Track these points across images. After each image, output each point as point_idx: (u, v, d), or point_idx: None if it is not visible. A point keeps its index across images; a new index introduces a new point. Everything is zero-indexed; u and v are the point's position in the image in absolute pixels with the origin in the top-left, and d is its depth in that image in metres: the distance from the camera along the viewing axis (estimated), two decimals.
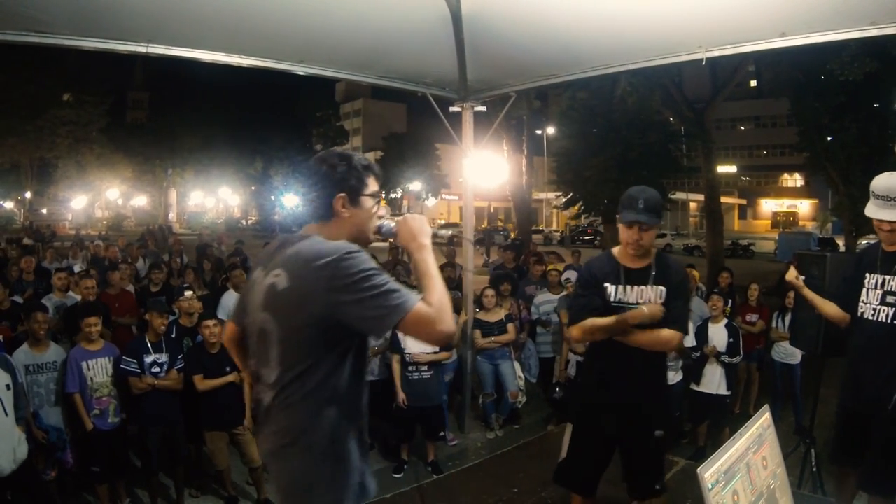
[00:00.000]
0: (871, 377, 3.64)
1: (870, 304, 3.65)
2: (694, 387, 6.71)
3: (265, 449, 2.20)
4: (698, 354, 6.67)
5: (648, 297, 3.38)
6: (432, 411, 6.38)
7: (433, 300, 2.02)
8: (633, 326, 3.28)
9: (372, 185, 2.27)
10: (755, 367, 8.14)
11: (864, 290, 3.69)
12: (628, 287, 3.41)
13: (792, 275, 4.15)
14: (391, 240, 2.37)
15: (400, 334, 6.27)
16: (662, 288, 3.39)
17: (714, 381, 6.59)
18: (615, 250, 3.51)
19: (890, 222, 3.52)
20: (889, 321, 3.54)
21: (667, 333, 3.27)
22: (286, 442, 2.10)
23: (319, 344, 2.04)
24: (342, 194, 2.19)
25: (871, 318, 3.64)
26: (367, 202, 2.25)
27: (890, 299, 3.53)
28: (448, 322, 2.01)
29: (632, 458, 3.56)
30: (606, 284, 3.43)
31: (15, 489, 4.37)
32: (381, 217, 2.33)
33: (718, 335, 6.63)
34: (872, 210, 3.61)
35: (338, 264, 1.96)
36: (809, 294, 4.12)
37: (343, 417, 2.12)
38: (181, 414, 5.53)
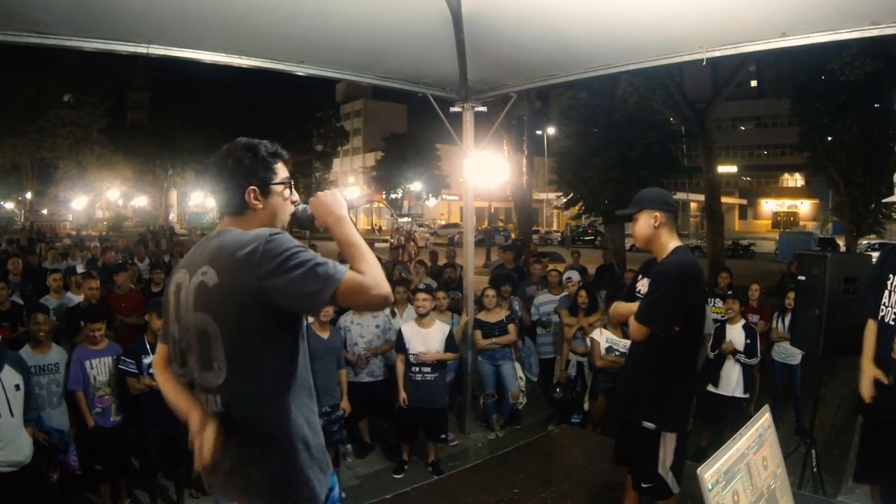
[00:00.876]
0: (893, 385, 3.44)
1: (891, 307, 3.48)
2: (711, 388, 6.70)
3: (228, 458, 2.05)
4: (714, 354, 6.67)
5: (641, 290, 3.60)
6: (435, 413, 6.37)
7: (363, 268, 1.97)
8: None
9: (282, 172, 2.25)
10: (757, 367, 8.13)
11: (887, 293, 3.50)
12: (645, 279, 3.61)
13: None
14: (313, 223, 2.28)
15: (404, 333, 6.28)
16: (647, 280, 3.55)
17: (731, 383, 6.59)
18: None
19: None
20: None
21: (628, 316, 3.44)
22: (250, 449, 2.04)
23: (263, 335, 1.99)
24: (252, 187, 2.15)
25: (891, 322, 3.45)
26: (278, 190, 2.21)
27: None
28: (383, 285, 1.95)
29: (630, 446, 3.59)
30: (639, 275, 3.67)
31: (19, 490, 4.38)
32: (294, 203, 2.29)
33: (736, 336, 6.63)
34: None
35: (262, 249, 1.90)
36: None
37: (300, 407, 2.13)
38: None
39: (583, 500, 4.42)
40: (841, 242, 26.74)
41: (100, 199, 63.53)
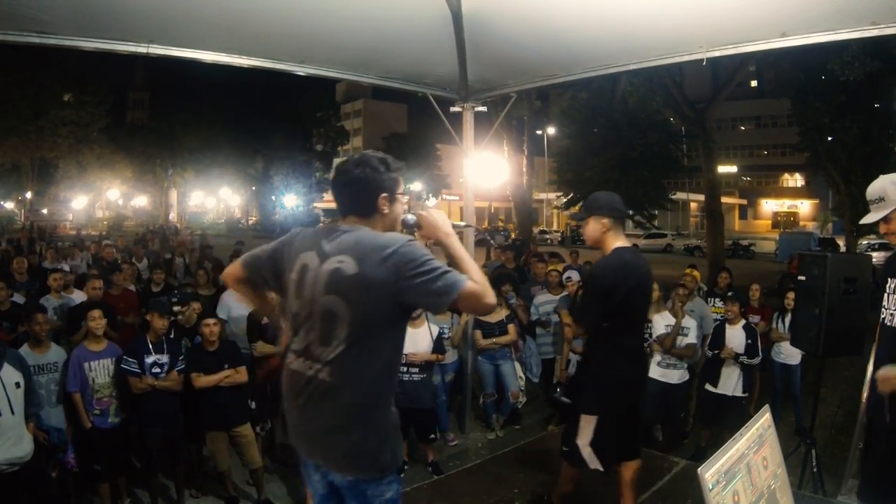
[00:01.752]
0: None
1: (889, 309, 3.47)
2: (710, 388, 6.70)
3: (319, 423, 2.41)
4: (712, 354, 6.68)
5: None
6: (422, 414, 6.32)
7: (476, 278, 2.32)
8: None
9: (401, 186, 2.61)
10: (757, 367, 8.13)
11: (886, 295, 3.50)
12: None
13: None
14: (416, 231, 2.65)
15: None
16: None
17: (731, 382, 6.59)
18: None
19: (880, 224, 3.41)
20: None
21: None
22: (352, 417, 2.35)
23: (386, 324, 2.35)
24: (385, 194, 2.50)
25: (889, 323, 3.44)
26: (400, 200, 2.58)
27: None
28: (491, 295, 2.33)
29: None
30: None
31: (20, 488, 4.38)
32: (405, 212, 2.65)
33: (736, 337, 6.62)
34: (866, 218, 3.55)
35: (401, 252, 2.26)
36: None
37: (391, 388, 2.47)
38: (181, 414, 5.53)
39: (583, 500, 4.42)
40: (841, 243, 26.74)
41: (100, 199, 63.54)
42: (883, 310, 3.49)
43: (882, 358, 3.45)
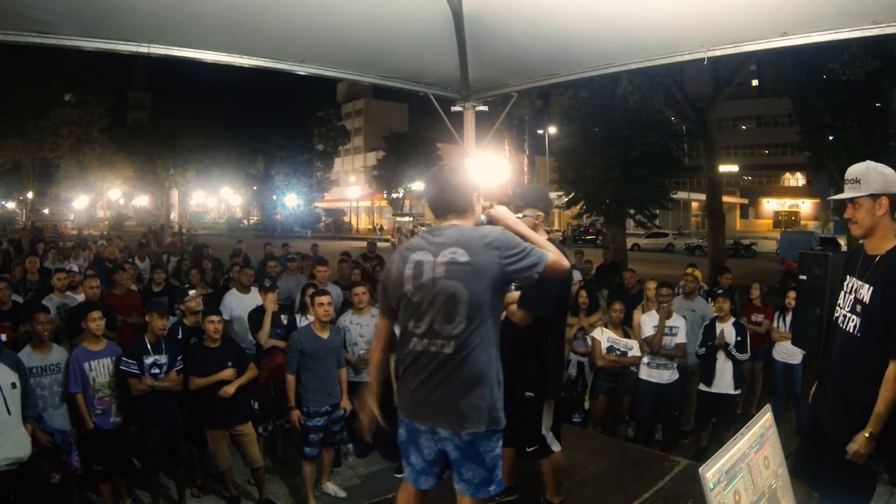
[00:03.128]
0: (830, 394, 3.37)
1: (843, 309, 3.36)
2: (704, 387, 6.71)
3: (443, 390, 2.80)
4: (703, 351, 6.68)
5: None
6: None
7: (552, 249, 2.90)
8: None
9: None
10: (760, 366, 8.14)
11: (842, 294, 3.40)
12: None
13: None
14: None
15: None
16: None
17: (725, 380, 6.59)
18: None
19: (847, 206, 3.24)
20: (854, 332, 3.21)
21: (512, 307, 3.68)
22: (471, 379, 2.77)
23: (493, 302, 2.81)
24: (476, 192, 3.00)
25: (841, 325, 3.33)
26: (482, 200, 3.06)
27: (858, 308, 3.20)
28: (566, 260, 2.92)
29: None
30: None
31: (18, 489, 4.38)
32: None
33: (727, 334, 6.64)
34: (838, 195, 3.37)
35: (501, 239, 2.77)
36: None
37: (498, 354, 2.86)
38: (181, 414, 5.53)
39: (583, 499, 4.41)
40: (842, 242, 26.71)
41: (101, 199, 63.61)
42: (837, 308, 3.40)
43: (832, 360, 3.39)
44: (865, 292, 3.16)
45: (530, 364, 3.85)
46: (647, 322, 6.79)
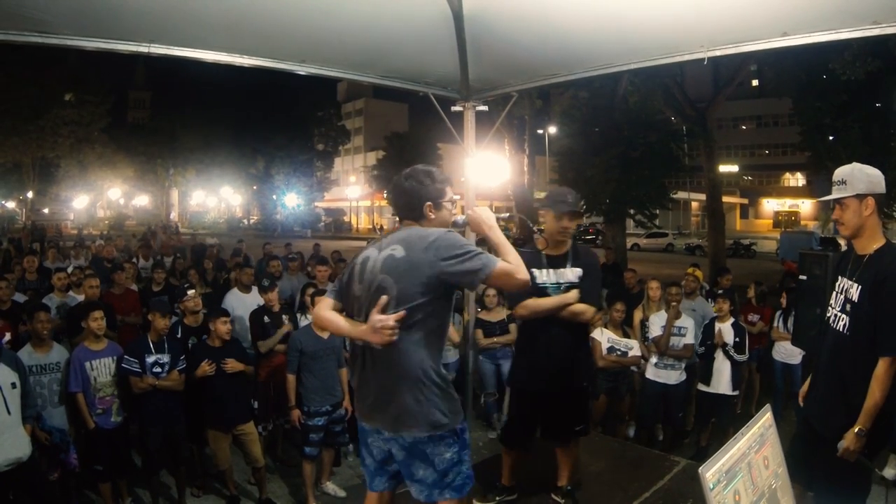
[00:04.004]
0: (821, 392, 3.41)
1: (834, 309, 3.39)
2: (703, 387, 6.71)
3: (376, 390, 2.81)
4: (703, 350, 6.68)
5: (567, 277, 4.09)
6: None
7: (510, 259, 2.77)
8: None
9: (449, 193, 3.03)
10: (755, 366, 8.15)
11: (834, 294, 3.44)
12: (550, 270, 4.10)
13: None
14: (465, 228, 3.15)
15: None
16: (579, 270, 4.11)
17: (723, 381, 6.59)
18: (537, 243, 4.14)
19: (834, 208, 3.37)
20: (844, 331, 3.25)
21: (582, 306, 4.02)
22: (401, 379, 2.73)
23: (429, 301, 2.71)
24: (429, 202, 2.93)
25: (833, 325, 3.36)
26: (447, 206, 3.00)
27: (848, 307, 3.25)
28: (524, 273, 2.76)
29: (558, 410, 4.23)
30: (532, 269, 3.75)
31: (17, 489, 4.39)
32: (454, 214, 3.07)
33: (725, 334, 6.64)
34: (826, 197, 3.51)
35: (441, 239, 2.71)
36: None
37: (437, 356, 2.81)
38: (182, 413, 5.53)
39: (583, 499, 4.42)
40: (842, 242, 26.63)
41: (101, 199, 63.60)
42: (829, 308, 3.43)
43: (823, 359, 3.42)
44: (854, 291, 3.21)
45: (583, 357, 4.31)
46: (656, 322, 6.77)
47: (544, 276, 4.08)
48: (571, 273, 4.10)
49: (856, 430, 3.03)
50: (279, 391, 6.18)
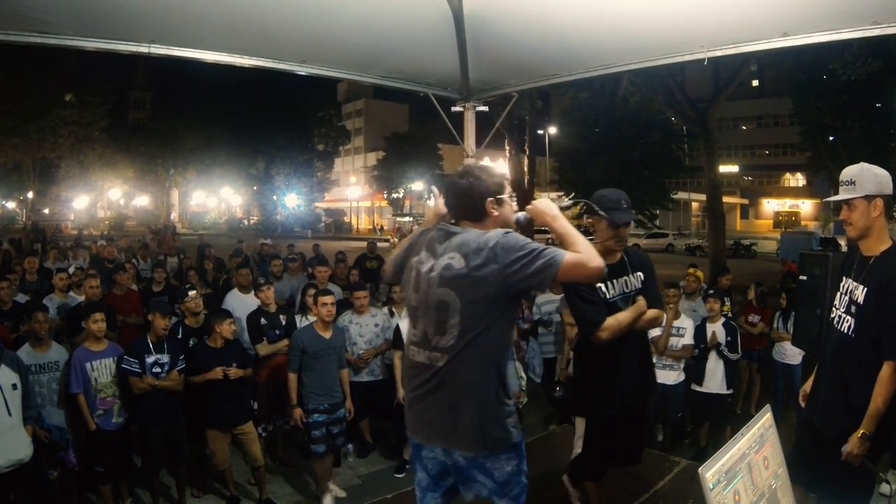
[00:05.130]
0: (825, 394, 3.39)
1: (838, 310, 3.35)
2: (695, 387, 6.71)
3: (435, 408, 2.68)
4: (697, 351, 6.68)
5: (633, 285, 3.75)
6: None
7: (579, 248, 2.55)
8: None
9: (508, 189, 2.84)
10: (756, 367, 8.15)
11: (838, 295, 3.41)
12: (613, 280, 3.70)
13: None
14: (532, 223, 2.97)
15: (402, 330, 6.32)
16: (640, 273, 3.79)
17: (716, 380, 6.59)
18: None
19: (842, 208, 3.25)
20: (848, 332, 3.23)
21: (654, 312, 3.72)
22: (462, 397, 2.61)
23: (497, 314, 2.60)
24: (490, 198, 2.73)
25: (836, 325, 3.34)
26: (508, 202, 2.82)
27: (853, 309, 3.22)
28: (597, 260, 2.52)
29: (638, 429, 3.95)
30: (598, 285, 3.58)
31: (19, 489, 4.39)
32: (515, 212, 2.87)
33: (717, 334, 6.64)
34: (833, 197, 3.36)
35: (502, 244, 2.52)
36: None
37: (503, 371, 2.68)
38: (182, 414, 5.53)
39: (583, 500, 4.41)
40: (842, 242, 26.64)
41: (101, 199, 63.64)
42: (833, 309, 3.41)
43: (827, 361, 3.40)
44: (860, 293, 3.18)
45: (651, 365, 4.04)
46: None
47: (611, 289, 3.70)
48: (635, 279, 3.79)
49: (859, 433, 3.01)
50: (280, 392, 6.19)
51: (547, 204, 2.83)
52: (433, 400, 2.68)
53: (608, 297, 3.64)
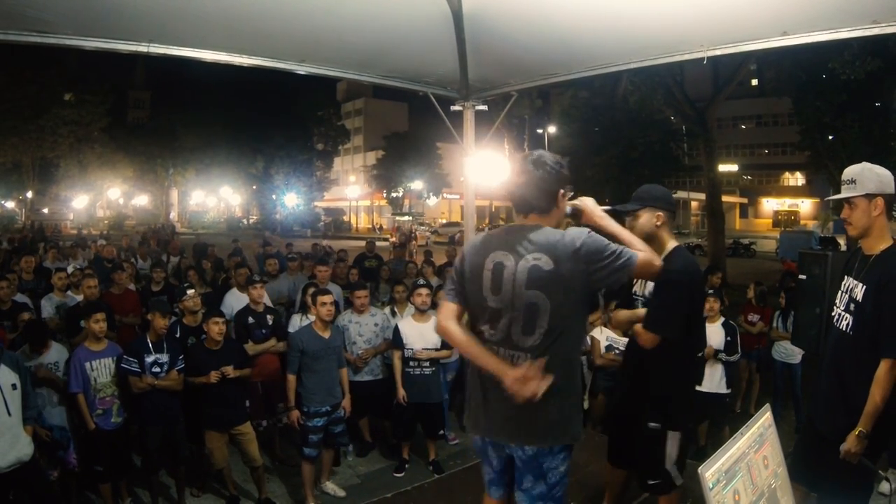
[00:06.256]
0: (824, 393, 3.38)
1: (838, 308, 3.37)
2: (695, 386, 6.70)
3: (516, 405, 2.58)
4: (700, 354, 6.67)
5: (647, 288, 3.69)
6: (432, 408, 6.38)
7: (641, 247, 2.75)
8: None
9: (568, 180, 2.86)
10: (755, 366, 8.15)
11: (839, 293, 3.41)
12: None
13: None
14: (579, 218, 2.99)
15: (401, 330, 6.31)
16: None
17: (714, 379, 6.58)
18: None
19: (843, 207, 3.25)
20: (847, 330, 3.23)
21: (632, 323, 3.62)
22: (548, 393, 2.53)
23: (577, 312, 2.72)
24: (562, 190, 2.76)
25: (836, 324, 3.35)
26: (567, 194, 2.84)
27: (852, 307, 3.23)
28: (658, 259, 2.81)
29: (630, 447, 3.77)
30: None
31: (18, 489, 4.38)
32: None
33: (715, 334, 6.61)
34: (835, 196, 3.38)
35: (588, 244, 2.59)
36: None
37: (578, 367, 2.79)
38: (182, 413, 5.53)
39: (583, 499, 4.42)
40: (842, 241, 26.66)
41: (101, 198, 63.60)
42: (834, 307, 3.42)
43: (827, 359, 3.41)
44: (859, 291, 3.19)
45: (656, 390, 3.54)
46: None
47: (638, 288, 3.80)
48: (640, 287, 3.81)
49: (857, 432, 3.01)
50: (268, 390, 6.21)
51: (593, 203, 2.96)
52: (511, 396, 2.57)
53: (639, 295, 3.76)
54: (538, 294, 2.60)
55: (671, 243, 3.53)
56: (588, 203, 2.94)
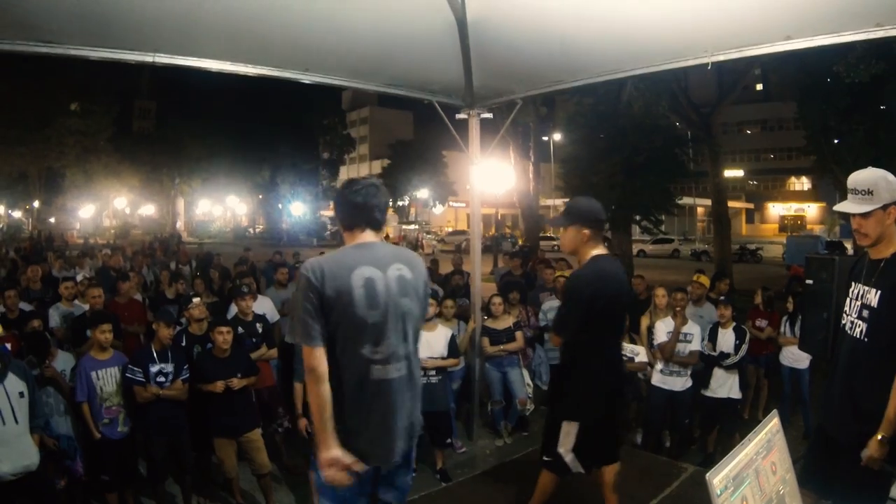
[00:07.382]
0: (837, 400, 3.34)
1: (850, 315, 3.32)
2: (703, 391, 6.67)
3: (405, 412, 2.81)
4: (715, 355, 6.66)
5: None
6: (439, 417, 6.35)
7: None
8: None
9: None
10: (763, 372, 8.12)
11: (848, 300, 3.37)
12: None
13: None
14: None
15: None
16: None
17: (725, 385, 6.56)
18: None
19: (855, 217, 3.18)
20: (861, 337, 3.19)
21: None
22: (418, 395, 2.88)
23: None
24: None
25: (849, 331, 3.31)
26: None
27: (865, 313, 3.18)
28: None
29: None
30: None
31: (25, 497, 4.38)
32: None
33: (727, 339, 6.61)
34: (844, 206, 3.27)
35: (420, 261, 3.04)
36: None
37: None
38: (187, 423, 5.53)
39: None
40: (849, 245, 26.62)
41: (107, 208, 63.70)
42: (844, 315, 3.37)
43: (840, 367, 3.35)
44: (873, 296, 3.14)
45: (563, 385, 4.09)
46: (662, 328, 6.71)
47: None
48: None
49: (878, 437, 2.97)
50: (261, 398, 6.31)
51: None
52: (402, 407, 2.89)
53: None
54: (409, 302, 2.79)
55: (591, 254, 3.87)
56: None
